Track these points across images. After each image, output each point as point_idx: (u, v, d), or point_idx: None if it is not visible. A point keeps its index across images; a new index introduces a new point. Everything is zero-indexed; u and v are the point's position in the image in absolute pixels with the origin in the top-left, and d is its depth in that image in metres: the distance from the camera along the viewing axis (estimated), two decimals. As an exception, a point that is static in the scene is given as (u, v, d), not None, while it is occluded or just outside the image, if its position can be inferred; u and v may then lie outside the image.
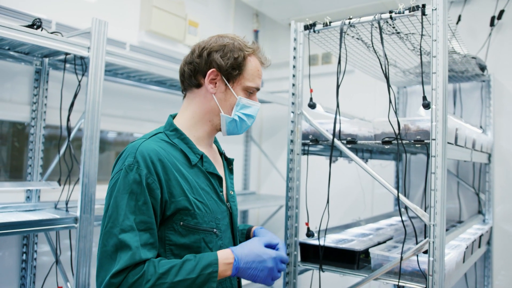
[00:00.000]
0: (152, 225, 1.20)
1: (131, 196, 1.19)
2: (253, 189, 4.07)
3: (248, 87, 1.42)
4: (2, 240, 2.29)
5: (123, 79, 2.82)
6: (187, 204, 1.26)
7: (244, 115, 1.43)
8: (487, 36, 2.97)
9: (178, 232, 1.26)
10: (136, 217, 1.18)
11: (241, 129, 1.46)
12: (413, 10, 1.72)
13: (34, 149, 2.38)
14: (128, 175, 1.20)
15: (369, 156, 2.75)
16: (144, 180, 1.20)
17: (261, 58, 1.47)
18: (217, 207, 1.36)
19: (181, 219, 1.25)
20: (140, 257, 1.15)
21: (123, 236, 1.15)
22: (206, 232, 1.30)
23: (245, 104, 1.42)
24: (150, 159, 1.22)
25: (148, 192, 1.20)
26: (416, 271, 1.73)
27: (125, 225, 1.16)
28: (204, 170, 1.37)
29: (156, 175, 1.22)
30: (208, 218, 1.31)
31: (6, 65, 2.33)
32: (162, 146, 1.30)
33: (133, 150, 1.24)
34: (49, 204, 2.31)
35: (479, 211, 2.92)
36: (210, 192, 1.36)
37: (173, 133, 1.37)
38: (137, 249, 1.15)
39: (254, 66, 1.43)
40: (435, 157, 1.62)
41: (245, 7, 4.02)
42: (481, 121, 2.96)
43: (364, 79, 3.11)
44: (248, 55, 1.42)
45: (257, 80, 1.44)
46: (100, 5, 2.81)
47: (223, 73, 1.39)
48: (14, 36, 1.82)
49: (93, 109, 2.02)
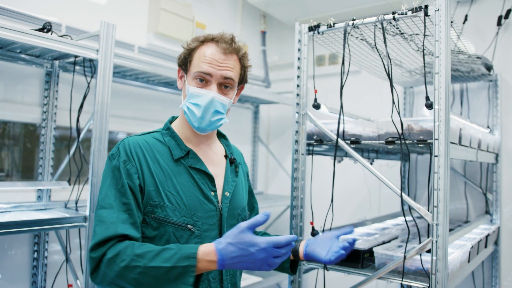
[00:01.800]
0: (131, 206, 1.26)
1: (112, 181, 1.30)
2: (261, 189, 4.09)
3: (195, 74, 1.39)
4: (14, 239, 2.35)
5: (131, 81, 2.87)
6: (157, 195, 1.31)
7: (192, 104, 1.38)
8: (494, 35, 2.96)
9: (150, 225, 1.30)
10: (116, 198, 1.26)
11: (195, 120, 1.38)
12: (416, 11, 1.73)
13: (45, 149, 2.44)
14: (111, 162, 1.33)
15: (375, 156, 2.76)
16: (122, 166, 1.30)
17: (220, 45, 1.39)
18: (199, 204, 1.35)
19: (151, 211, 1.30)
20: (116, 231, 1.20)
21: (100, 212, 1.26)
22: (177, 227, 1.30)
23: (193, 93, 1.38)
24: (129, 148, 1.34)
25: (127, 176, 1.29)
26: (419, 270, 1.74)
27: (104, 202, 1.27)
28: (187, 166, 1.39)
29: (134, 162, 1.32)
30: (181, 212, 1.32)
31: (17, 68, 2.38)
32: (148, 141, 1.39)
33: (119, 143, 1.37)
34: (59, 204, 2.36)
35: (487, 211, 2.91)
36: (192, 188, 1.36)
37: (166, 132, 1.45)
38: (111, 224, 1.22)
39: (203, 53, 1.39)
40: (437, 156, 1.63)
41: (252, 8, 4.05)
42: (488, 121, 2.95)
43: (370, 79, 3.12)
44: (200, 45, 1.41)
45: (202, 65, 1.37)
46: (109, 7, 2.87)
47: (181, 67, 1.46)
48: (26, 40, 1.87)
49: (101, 110, 2.07)
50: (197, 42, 1.42)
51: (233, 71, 1.41)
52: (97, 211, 1.27)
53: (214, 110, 1.39)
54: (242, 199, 1.54)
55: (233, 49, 1.41)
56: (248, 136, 3.96)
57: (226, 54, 1.40)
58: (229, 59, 1.40)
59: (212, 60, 1.37)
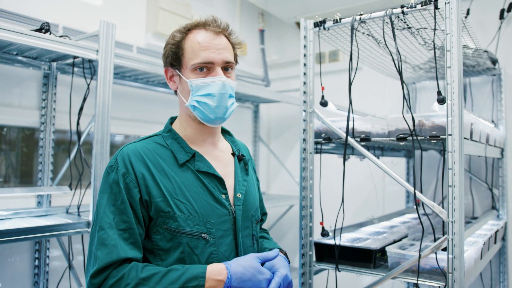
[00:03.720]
0: (132, 225, 1.17)
1: (111, 196, 1.19)
2: (263, 189, 4.05)
3: (194, 66, 1.26)
4: (15, 246, 2.28)
5: (130, 82, 2.82)
6: (166, 206, 1.20)
7: (202, 96, 1.27)
8: (497, 29, 2.93)
9: (163, 236, 1.21)
10: (115, 216, 1.17)
11: (211, 112, 1.28)
12: (425, 4, 1.69)
13: (44, 154, 2.38)
14: (109, 176, 1.22)
15: (380, 154, 2.72)
16: (122, 180, 1.19)
17: (208, 28, 1.29)
18: (211, 210, 1.25)
19: (163, 222, 1.20)
20: (119, 255, 1.12)
21: (101, 233, 1.15)
22: (191, 237, 1.21)
23: (199, 85, 1.27)
24: (129, 159, 1.22)
25: (126, 191, 1.19)
26: (434, 269, 1.71)
27: (103, 222, 1.16)
28: (195, 170, 1.28)
29: (134, 175, 1.20)
30: (193, 221, 1.22)
31: (14, 70, 2.32)
32: (149, 147, 1.27)
33: (117, 152, 1.26)
34: (60, 209, 2.31)
35: (493, 206, 2.88)
36: (202, 194, 1.26)
37: (167, 134, 1.34)
38: (114, 247, 1.13)
39: (194, 41, 1.28)
40: (452, 152, 1.59)
41: (250, 6, 4.00)
42: (492, 116, 2.92)
43: (373, 76, 3.08)
44: (185, 35, 1.30)
45: (200, 53, 1.26)
46: (106, 8, 2.81)
47: (171, 66, 1.33)
48: (24, 41, 1.81)
49: (103, 112, 2.01)
50: (181, 33, 1.30)
51: (230, 52, 1.32)
52: (97, 233, 1.16)
53: (228, 94, 1.29)
54: (255, 198, 1.43)
55: (222, 29, 1.32)
56: (249, 135, 3.91)
57: (219, 35, 1.30)
58: (222, 40, 1.31)
59: (208, 45, 1.27)
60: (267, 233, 1.64)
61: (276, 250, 1.27)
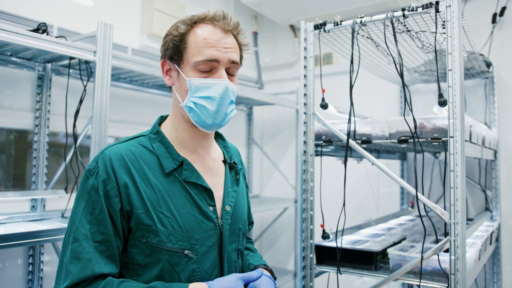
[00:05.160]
0: (109, 237, 1.07)
1: (88, 203, 1.08)
2: (256, 191, 4.03)
3: (196, 64, 1.15)
4: (8, 251, 2.23)
5: (125, 83, 2.78)
6: (147, 219, 1.10)
7: (201, 98, 1.15)
8: (489, 33, 2.98)
9: (141, 251, 1.11)
10: (92, 226, 1.06)
11: (208, 117, 1.16)
12: (427, 7, 1.70)
13: (38, 157, 2.33)
14: (88, 181, 1.10)
15: (376, 156, 2.73)
16: (102, 187, 1.08)
17: (217, 24, 1.18)
18: (197, 224, 1.15)
19: (142, 235, 1.10)
20: (93, 271, 1.02)
21: (75, 246, 1.04)
22: (172, 254, 1.11)
23: (199, 85, 1.15)
24: (111, 164, 1.10)
25: (106, 200, 1.08)
26: (436, 270, 1.72)
27: (78, 233, 1.05)
28: (181, 179, 1.17)
29: (115, 182, 1.09)
30: (176, 237, 1.12)
31: (8, 71, 2.27)
32: (133, 151, 1.16)
33: (98, 154, 1.14)
34: (55, 213, 2.26)
35: (487, 208, 2.92)
36: (188, 206, 1.15)
37: (155, 137, 1.23)
38: (88, 261, 1.03)
39: (200, 36, 1.16)
40: (453, 154, 1.61)
41: (244, 9, 4.00)
42: (485, 118, 2.96)
43: (366, 78, 3.09)
44: (190, 28, 1.18)
45: (205, 51, 1.15)
46: (100, 9, 2.77)
47: (169, 60, 1.21)
48: (22, 42, 1.77)
49: (100, 114, 1.98)
50: (187, 25, 1.18)
51: (236, 52, 1.22)
52: (71, 244, 1.04)
53: (229, 100, 1.18)
54: (244, 210, 1.34)
55: (232, 26, 1.20)
56: (242, 138, 3.90)
57: (227, 33, 1.19)
58: (230, 39, 1.20)
59: (215, 43, 1.16)
60: (252, 243, 1.54)
61: (260, 270, 1.18)
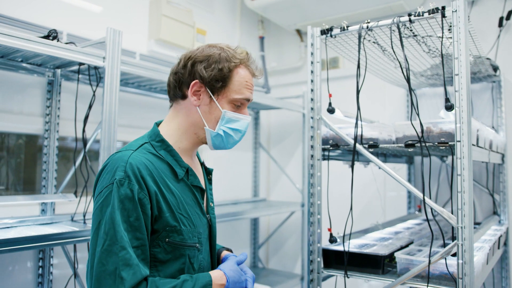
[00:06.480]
0: (145, 241, 1.18)
1: (123, 212, 1.15)
2: (263, 195, 4.05)
3: (235, 100, 1.34)
4: (18, 254, 2.26)
5: (133, 88, 2.81)
6: (173, 221, 1.24)
7: (231, 129, 1.35)
8: (496, 37, 2.98)
9: (163, 249, 1.23)
10: (129, 233, 1.15)
11: (228, 143, 1.38)
12: (433, 12, 1.72)
13: (48, 161, 2.36)
14: (120, 190, 1.16)
15: (383, 160, 2.74)
16: (136, 196, 1.16)
17: (251, 69, 1.39)
18: (199, 220, 1.34)
19: (166, 236, 1.23)
20: (142, 274, 1.14)
21: (123, 253, 1.12)
22: (191, 248, 1.28)
23: (231, 118, 1.35)
24: (140, 173, 1.19)
25: (140, 207, 1.17)
26: (444, 274, 1.72)
27: (124, 242, 1.13)
28: (190, 184, 1.34)
29: (146, 190, 1.19)
30: (192, 233, 1.29)
31: (18, 77, 2.31)
32: (149, 159, 1.26)
33: (122, 163, 1.19)
34: (65, 217, 2.29)
35: (494, 211, 2.90)
36: (194, 206, 1.34)
37: (159, 144, 1.33)
38: (137, 266, 1.13)
39: (242, 77, 1.35)
40: (461, 159, 1.61)
41: (250, 14, 4.03)
42: (492, 122, 2.95)
43: (373, 82, 3.10)
44: (235, 66, 1.34)
45: (245, 91, 1.35)
46: (109, 15, 2.81)
47: (206, 85, 1.32)
48: (32, 48, 1.80)
49: (109, 119, 2.01)
50: (235, 64, 1.34)
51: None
52: (119, 253, 1.12)
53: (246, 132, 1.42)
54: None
55: (258, 73, 1.42)
56: (249, 142, 3.92)
57: (254, 77, 1.41)
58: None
59: (250, 85, 1.37)
60: None
61: (245, 254, 1.43)
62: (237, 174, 3.80)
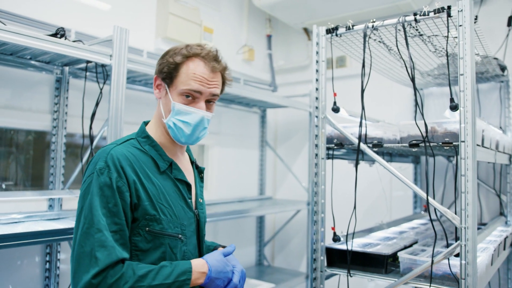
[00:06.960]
0: (123, 227, 1.24)
1: (102, 199, 1.23)
2: (269, 194, 4.06)
3: (182, 91, 1.35)
4: (25, 249, 2.30)
5: (140, 86, 2.84)
6: (152, 210, 1.29)
7: (180, 121, 1.37)
8: (505, 36, 2.95)
9: (144, 238, 1.29)
10: (107, 218, 1.22)
11: (182, 136, 1.38)
12: (438, 12, 1.71)
13: (55, 157, 2.39)
14: (100, 178, 1.25)
15: (389, 159, 2.73)
16: (114, 183, 1.24)
17: (207, 63, 1.37)
18: (184, 213, 1.38)
19: (146, 225, 1.29)
20: (117, 256, 1.19)
21: (99, 235, 1.19)
22: (171, 238, 1.33)
23: (181, 110, 1.36)
24: (119, 163, 1.27)
25: (118, 194, 1.24)
26: (447, 274, 1.72)
27: (100, 225, 1.20)
28: (173, 177, 1.40)
29: (125, 179, 1.27)
30: (173, 223, 1.34)
31: (27, 74, 2.34)
32: (132, 152, 1.34)
33: (104, 155, 1.29)
34: (71, 213, 2.32)
35: (501, 212, 2.88)
36: (178, 199, 1.39)
37: (144, 140, 1.41)
38: (113, 248, 1.19)
39: (191, 70, 1.35)
40: (465, 159, 1.61)
41: (258, 12, 4.03)
42: (500, 122, 2.93)
43: (380, 81, 3.10)
44: (185, 59, 1.36)
45: (192, 83, 1.34)
46: (116, 13, 2.83)
47: (161, 78, 1.40)
48: (40, 46, 1.83)
49: (116, 116, 2.03)
50: (183, 57, 1.37)
51: (219, 87, 1.43)
52: (95, 235, 1.19)
53: (203, 127, 1.41)
54: (205, 204, 1.59)
55: (220, 69, 1.41)
56: (256, 140, 3.93)
57: (215, 73, 1.40)
58: (216, 76, 1.41)
59: (202, 78, 1.36)
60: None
61: (233, 245, 1.47)
62: (243, 172, 3.81)
